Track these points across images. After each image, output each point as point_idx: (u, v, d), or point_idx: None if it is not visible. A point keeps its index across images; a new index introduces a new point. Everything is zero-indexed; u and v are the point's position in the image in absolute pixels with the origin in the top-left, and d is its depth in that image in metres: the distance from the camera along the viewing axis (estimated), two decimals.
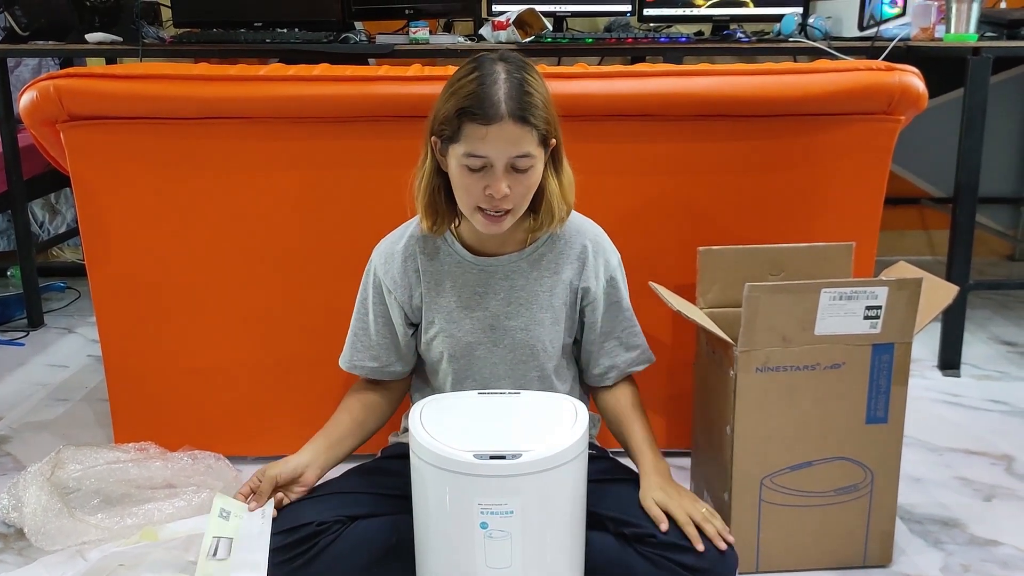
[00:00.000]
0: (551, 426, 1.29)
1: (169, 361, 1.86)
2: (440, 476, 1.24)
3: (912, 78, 1.72)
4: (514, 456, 1.21)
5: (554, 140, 1.34)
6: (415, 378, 1.59)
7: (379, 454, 1.58)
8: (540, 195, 1.38)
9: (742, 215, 1.79)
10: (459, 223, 1.44)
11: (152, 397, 1.88)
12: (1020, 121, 3.46)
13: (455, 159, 1.31)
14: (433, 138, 1.35)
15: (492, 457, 1.21)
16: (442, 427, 1.28)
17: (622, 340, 1.50)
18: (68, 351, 2.61)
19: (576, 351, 1.54)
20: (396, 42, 2.60)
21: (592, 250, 1.47)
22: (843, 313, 1.44)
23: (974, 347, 2.58)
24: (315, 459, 1.43)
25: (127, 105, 1.70)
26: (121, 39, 2.66)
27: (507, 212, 1.33)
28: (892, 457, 1.52)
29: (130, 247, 1.79)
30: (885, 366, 1.47)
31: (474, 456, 1.21)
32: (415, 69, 1.75)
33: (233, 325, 1.85)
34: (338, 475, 1.49)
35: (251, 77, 1.70)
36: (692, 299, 1.66)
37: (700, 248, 1.65)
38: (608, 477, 1.45)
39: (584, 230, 1.48)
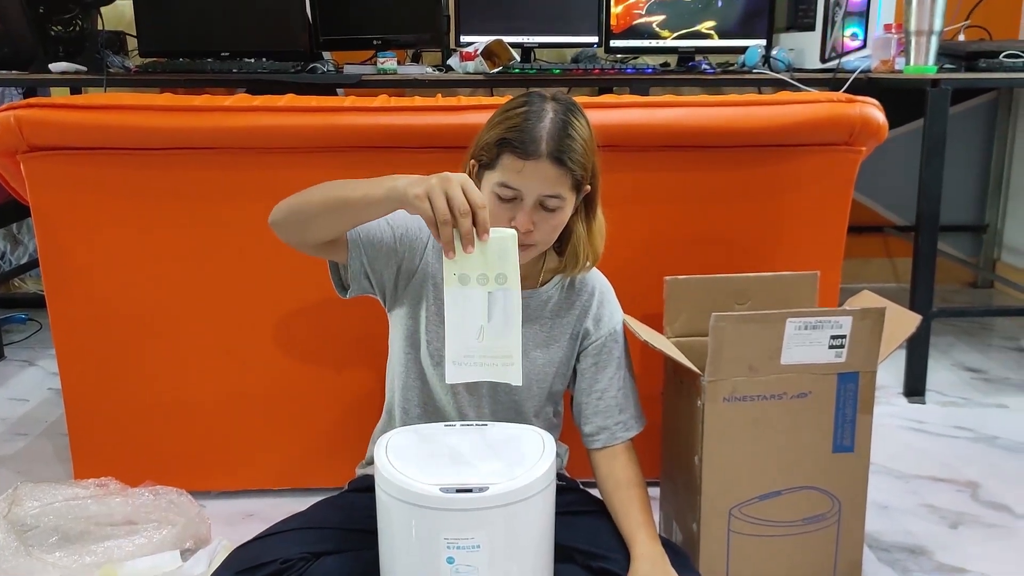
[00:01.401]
0: (518, 459, 1.27)
1: (131, 395, 1.83)
2: (406, 510, 1.22)
3: (872, 110, 1.74)
4: (480, 489, 1.20)
5: (589, 187, 1.36)
6: (384, 413, 1.55)
7: (346, 487, 1.56)
8: (567, 237, 1.39)
9: (708, 244, 1.80)
10: None
11: (113, 432, 1.84)
12: (979, 150, 3.52)
13: (488, 185, 1.31)
14: (472, 162, 1.36)
15: (458, 491, 1.19)
16: (407, 460, 1.26)
17: (616, 400, 1.46)
18: (28, 384, 2.56)
19: (571, 406, 1.52)
20: (364, 72, 2.60)
21: (599, 299, 1.47)
22: (808, 343, 1.45)
23: (938, 374, 2.61)
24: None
25: (89, 135, 1.67)
26: (86, 68, 2.63)
27: (530, 246, 1.33)
28: (859, 485, 1.52)
29: (91, 279, 1.77)
30: (851, 395, 1.48)
31: (440, 490, 1.19)
32: (382, 100, 1.74)
33: (197, 359, 1.82)
34: (302, 509, 1.46)
35: (216, 108, 1.69)
36: (659, 328, 1.66)
37: (667, 278, 1.65)
38: (577, 509, 1.44)
39: (594, 277, 1.49)
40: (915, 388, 2.43)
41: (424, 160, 1.68)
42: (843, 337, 1.45)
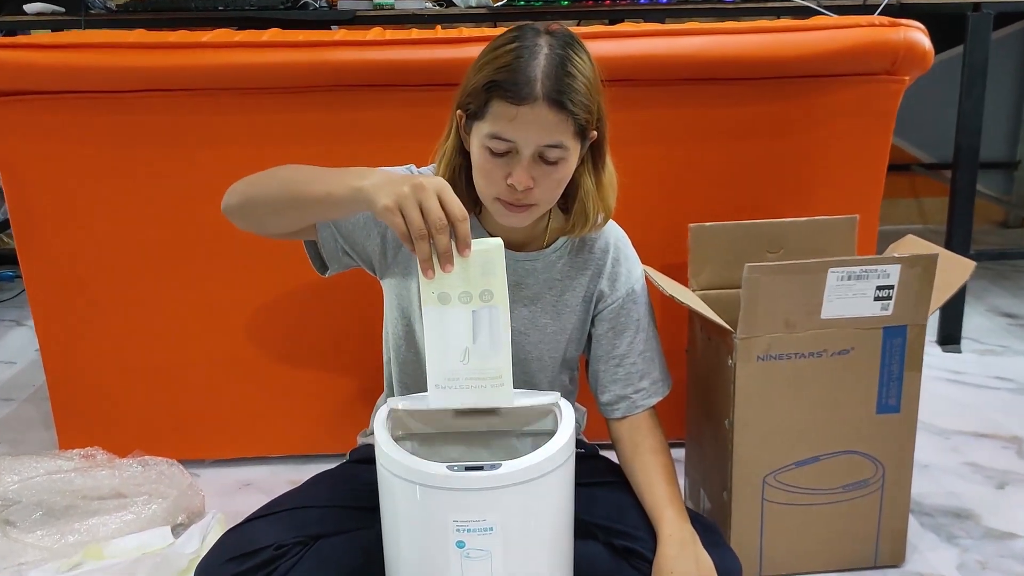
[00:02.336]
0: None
1: (115, 359, 1.71)
2: (410, 490, 1.10)
3: (917, 34, 1.58)
4: (493, 466, 1.08)
5: (595, 133, 1.17)
6: (385, 386, 1.43)
7: (347, 456, 1.44)
8: (574, 193, 1.22)
9: (735, 187, 1.66)
10: (480, 210, 1.26)
11: (97, 399, 1.73)
12: (1014, 82, 3.34)
13: (478, 139, 1.14)
14: (458, 112, 1.18)
15: (468, 468, 1.07)
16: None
17: (636, 366, 1.31)
18: (15, 346, 2.45)
19: (586, 372, 1.38)
20: (358, 7, 2.43)
21: (613, 255, 1.30)
22: (852, 294, 1.31)
23: (973, 320, 2.47)
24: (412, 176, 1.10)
25: (56, 78, 1.53)
26: (63, 9, 2.47)
27: (530, 205, 1.17)
28: (905, 449, 1.40)
29: (67, 234, 1.64)
30: (897, 351, 1.35)
31: (447, 467, 1.07)
32: (375, 33, 1.59)
33: (185, 318, 1.70)
34: (301, 478, 1.34)
35: (194, 44, 1.54)
36: (683, 280, 1.53)
37: (691, 225, 1.52)
38: (598, 479, 1.32)
39: (608, 230, 1.31)
40: (950, 336, 2.30)
41: (421, 99, 1.55)
42: (890, 288, 1.31)
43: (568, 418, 1.18)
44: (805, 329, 1.32)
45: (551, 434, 1.18)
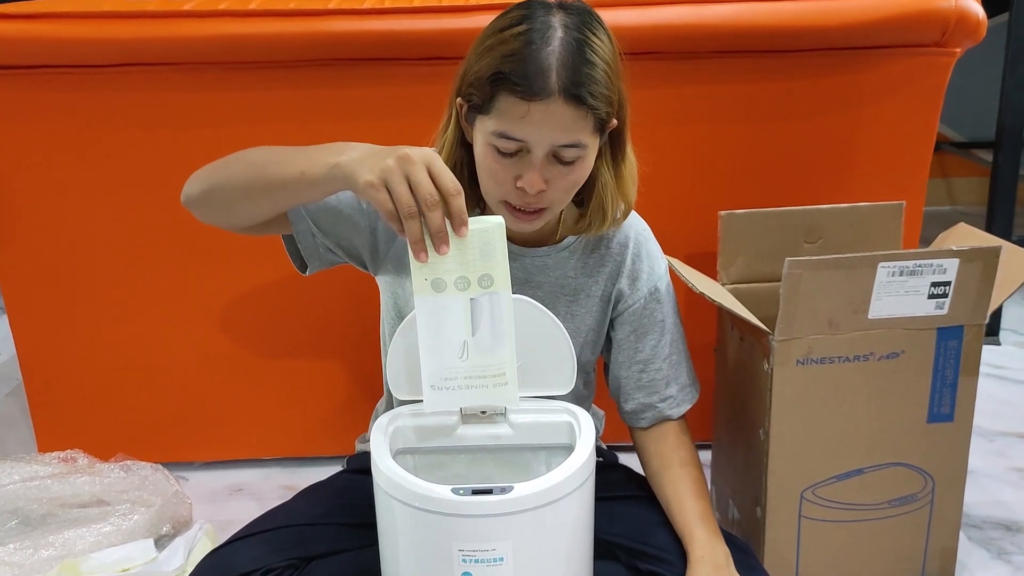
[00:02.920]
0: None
1: (96, 355, 1.60)
2: (411, 516, 0.98)
3: (970, 1, 1.44)
4: (503, 490, 0.95)
5: (615, 121, 1.03)
6: (384, 391, 1.31)
7: (343, 464, 1.32)
8: (590, 186, 1.07)
9: (768, 171, 1.53)
10: (484, 209, 1.12)
11: (78, 398, 1.63)
12: None
13: (483, 135, 1.00)
14: (459, 100, 1.03)
15: (475, 492, 0.95)
16: None
17: (662, 372, 1.18)
18: None
19: (606, 377, 1.25)
20: None
21: (634, 251, 1.16)
22: (904, 291, 1.18)
23: (1012, 311, 2.34)
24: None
25: (24, 51, 1.41)
26: None
27: (541, 209, 1.03)
28: (957, 462, 1.27)
29: (40, 222, 1.52)
30: (952, 354, 1.22)
31: (452, 491, 0.95)
32: (374, 0, 1.46)
33: (172, 310, 1.59)
34: (294, 484, 1.23)
35: (174, 13, 1.41)
36: (710, 272, 1.40)
37: (721, 212, 1.39)
38: (620, 493, 1.19)
39: (627, 225, 1.17)
40: (989, 327, 2.16)
41: (425, 74, 1.42)
42: (946, 284, 1.18)
43: (587, 431, 1.05)
44: (850, 330, 1.19)
45: (567, 448, 1.07)
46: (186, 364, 1.62)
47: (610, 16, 1.41)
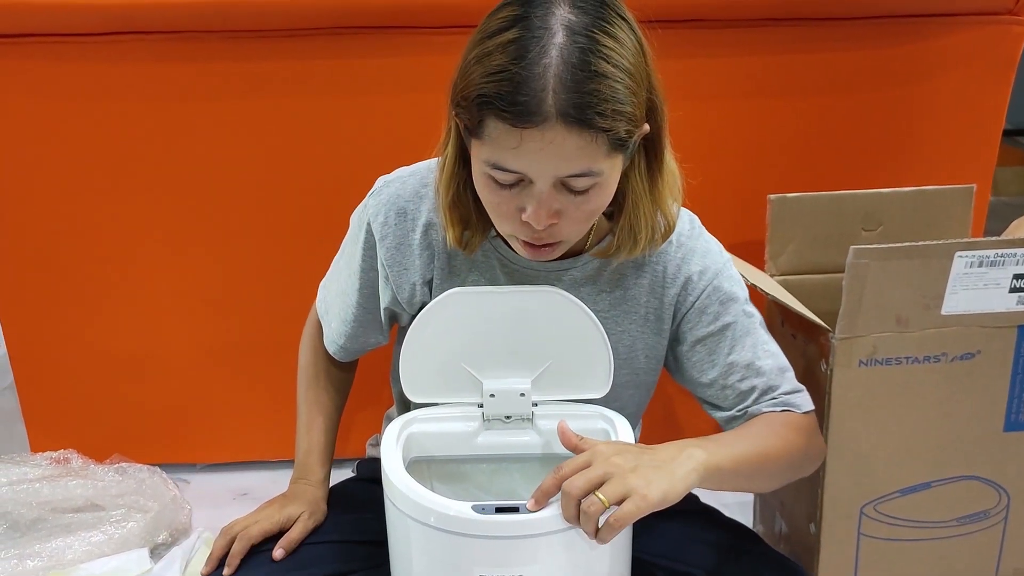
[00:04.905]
0: None
1: (91, 350, 1.53)
2: (426, 535, 0.88)
3: None
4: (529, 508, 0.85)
5: (647, 126, 0.87)
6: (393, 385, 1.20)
7: (353, 470, 1.22)
8: (620, 200, 0.93)
9: (821, 151, 1.44)
10: (497, 233, 0.98)
11: (72, 395, 1.55)
12: None
13: (477, 162, 0.86)
14: (454, 113, 0.89)
15: (499, 510, 0.85)
16: None
17: (769, 362, 1.00)
18: None
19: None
20: None
21: (707, 288, 1.00)
22: (982, 284, 1.06)
23: None
24: (306, 504, 1.06)
25: (8, 19, 1.32)
26: None
27: (554, 244, 0.90)
28: None
29: (27, 208, 1.44)
30: None
31: (473, 508, 0.85)
32: None
33: (171, 302, 1.51)
34: None
35: None
36: (759, 263, 1.29)
37: (771, 196, 1.29)
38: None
39: (692, 254, 1.00)
40: None
41: (441, 43, 1.32)
42: None
43: (626, 438, 0.94)
44: (921, 327, 1.08)
45: None
46: (188, 359, 1.55)
47: None
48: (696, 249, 1.01)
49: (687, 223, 1.04)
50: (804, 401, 1.00)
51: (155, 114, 1.39)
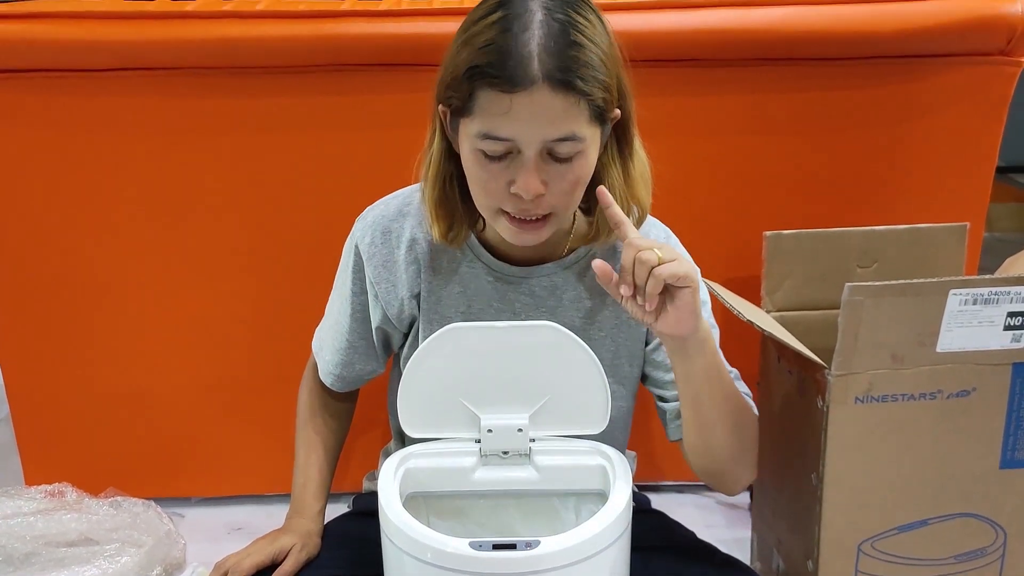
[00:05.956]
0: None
1: (87, 383, 1.53)
2: (423, 572, 0.88)
3: None
4: (528, 545, 0.85)
5: (618, 111, 0.95)
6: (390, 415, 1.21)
7: (350, 505, 1.22)
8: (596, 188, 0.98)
9: (817, 188, 1.44)
10: (484, 226, 1.04)
11: (67, 429, 1.55)
12: None
13: (467, 140, 0.92)
14: (441, 107, 0.95)
15: (496, 547, 0.85)
16: None
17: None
18: None
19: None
20: None
21: None
22: (976, 322, 1.07)
23: None
24: (298, 536, 1.07)
25: (15, 53, 1.34)
26: None
27: (545, 217, 0.94)
28: None
29: (29, 238, 1.45)
30: None
31: (471, 545, 0.85)
32: (391, 1, 1.38)
33: (167, 335, 1.52)
34: None
35: (177, 14, 1.34)
36: (755, 299, 1.30)
37: (767, 233, 1.30)
38: (654, 543, 1.08)
39: (647, 229, 1.07)
40: None
41: None
42: None
43: (623, 476, 0.95)
44: (916, 364, 1.08)
45: (599, 495, 0.96)
46: (184, 393, 1.55)
47: (647, 19, 1.33)
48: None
49: (663, 234, 1.09)
50: (754, 406, 1.07)
51: (157, 148, 1.41)
